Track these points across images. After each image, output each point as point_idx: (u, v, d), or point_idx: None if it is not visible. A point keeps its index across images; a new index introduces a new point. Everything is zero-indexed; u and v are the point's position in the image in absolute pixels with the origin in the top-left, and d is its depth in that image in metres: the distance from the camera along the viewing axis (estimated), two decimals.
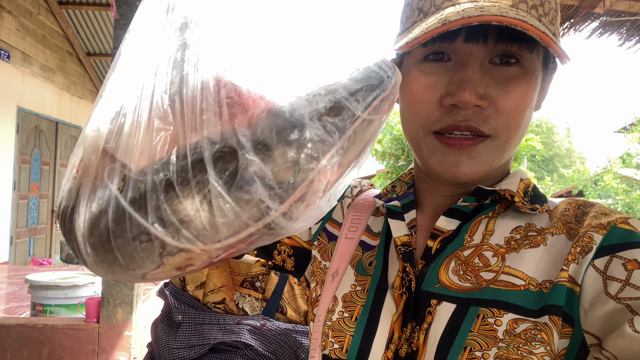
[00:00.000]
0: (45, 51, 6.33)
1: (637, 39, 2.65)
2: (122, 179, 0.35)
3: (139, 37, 0.46)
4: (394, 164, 13.51)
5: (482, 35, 0.52)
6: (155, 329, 1.35)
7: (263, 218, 0.34)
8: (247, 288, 1.30)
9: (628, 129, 11.10)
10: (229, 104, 0.37)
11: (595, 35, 2.74)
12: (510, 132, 0.55)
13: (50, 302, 2.91)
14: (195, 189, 0.33)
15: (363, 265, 0.65)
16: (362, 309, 0.60)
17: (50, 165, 6.71)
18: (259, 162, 0.34)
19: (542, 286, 0.52)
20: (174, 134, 0.35)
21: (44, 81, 6.31)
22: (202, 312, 1.27)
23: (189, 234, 0.34)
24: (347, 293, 0.63)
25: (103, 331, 2.61)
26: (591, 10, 2.29)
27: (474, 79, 0.52)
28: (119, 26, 2.57)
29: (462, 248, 0.57)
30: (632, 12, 2.29)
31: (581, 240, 0.52)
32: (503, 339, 0.50)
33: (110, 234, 0.34)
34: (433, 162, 0.57)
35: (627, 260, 0.49)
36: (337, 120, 0.39)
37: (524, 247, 0.55)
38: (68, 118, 7.13)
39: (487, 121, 0.53)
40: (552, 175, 17.65)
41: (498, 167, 0.59)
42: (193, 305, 1.30)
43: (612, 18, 2.37)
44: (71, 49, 7.19)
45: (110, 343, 2.61)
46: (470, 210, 0.59)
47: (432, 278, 0.57)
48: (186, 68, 0.39)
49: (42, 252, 6.67)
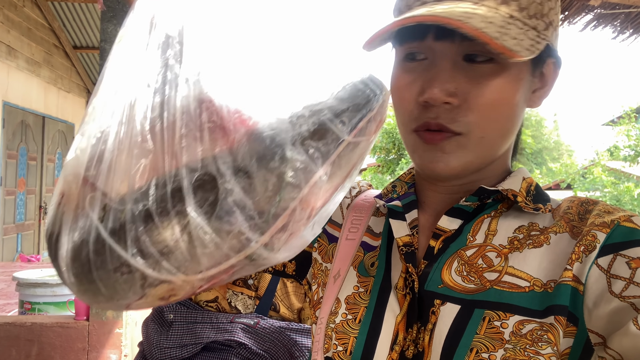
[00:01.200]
0: (31, 44, 6.22)
1: (631, 31, 2.67)
2: (102, 208, 0.34)
3: (121, 57, 0.45)
4: (385, 157, 13.55)
5: (449, 33, 0.52)
6: (147, 328, 1.34)
7: (244, 249, 0.34)
8: (239, 286, 1.29)
9: (616, 121, 11.21)
10: (210, 128, 0.36)
11: (589, 28, 2.75)
12: (485, 128, 0.54)
13: (39, 300, 2.89)
14: (174, 220, 0.33)
15: (365, 266, 0.65)
16: (366, 311, 0.60)
17: (38, 160, 6.63)
18: (239, 191, 0.33)
19: (546, 286, 0.52)
20: (154, 160, 0.35)
21: (30, 75, 6.21)
22: (194, 311, 1.27)
23: (170, 265, 0.33)
24: (349, 295, 0.63)
25: (93, 329, 2.60)
26: (586, 3, 2.30)
27: (443, 76, 0.53)
28: (106, 18, 2.53)
29: (465, 248, 0.58)
30: (627, 5, 2.29)
31: (585, 239, 0.53)
32: (509, 340, 0.50)
33: (92, 265, 0.33)
34: (416, 159, 0.59)
35: (631, 259, 0.49)
36: (320, 144, 0.38)
37: (527, 247, 0.55)
38: (55, 112, 7.04)
39: (457, 119, 0.54)
40: (541, 168, 17.79)
41: (492, 164, 0.59)
42: (185, 303, 1.29)
43: (607, 10, 2.38)
44: (57, 42, 7.07)
45: (100, 341, 2.60)
46: (473, 210, 0.59)
47: (435, 278, 0.57)
48: (167, 90, 0.38)
49: (30, 248, 6.60)
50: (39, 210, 6.70)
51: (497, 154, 0.58)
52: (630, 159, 9.30)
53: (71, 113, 7.61)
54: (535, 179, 0.65)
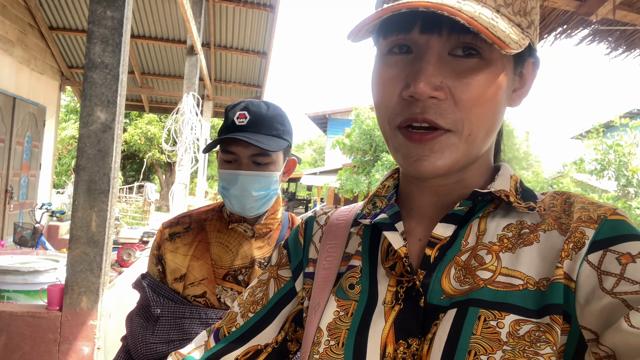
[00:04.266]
0: (5, 22, 5.97)
1: (624, 48, 2.76)
2: None
3: None
4: (361, 158, 13.61)
5: (436, 26, 0.51)
6: (131, 322, 1.31)
7: None
8: (229, 282, 1.27)
9: (584, 135, 11.61)
10: None
11: (585, 42, 2.82)
12: (472, 125, 0.53)
13: (9, 288, 2.78)
14: None
15: (343, 288, 0.62)
16: (348, 333, 0.58)
17: (6, 142, 6.36)
18: None
19: (539, 284, 0.52)
20: None
21: (2, 54, 5.95)
22: (182, 306, 1.24)
23: None
24: (330, 321, 0.60)
25: (66, 320, 2.51)
26: (585, 18, 2.36)
27: (429, 70, 0.51)
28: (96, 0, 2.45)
29: (460, 253, 0.57)
30: (623, 22, 2.37)
31: (573, 236, 0.52)
32: (507, 341, 0.49)
33: None
34: (399, 157, 0.56)
35: (621, 254, 0.49)
36: None
37: (518, 246, 0.55)
38: (26, 94, 6.77)
39: (445, 115, 0.52)
40: None
41: (475, 162, 0.59)
42: (172, 298, 1.26)
43: (604, 27, 2.45)
44: (33, 22, 6.80)
45: (73, 332, 2.51)
46: (465, 213, 0.59)
47: (436, 288, 0.55)
48: None
49: None
50: (5, 194, 6.44)
51: (481, 152, 0.57)
52: (596, 172, 9.63)
53: (43, 95, 7.34)
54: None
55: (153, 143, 21.28)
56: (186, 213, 1.41)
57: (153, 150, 21.59)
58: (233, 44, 7.37)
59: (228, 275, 1.28)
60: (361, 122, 13.19)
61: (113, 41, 2.46)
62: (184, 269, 1.29)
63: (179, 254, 1.31)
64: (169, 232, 1.35)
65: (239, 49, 7.44)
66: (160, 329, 1.22)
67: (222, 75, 8.35)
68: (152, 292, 1.28)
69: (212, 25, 6.85)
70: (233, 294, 1.27)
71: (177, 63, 8.05)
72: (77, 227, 2.48)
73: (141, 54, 7.98)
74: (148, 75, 8.44)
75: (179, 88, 8.51)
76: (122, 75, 2.51)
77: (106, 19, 2.45)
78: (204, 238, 1.32)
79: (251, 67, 8.03)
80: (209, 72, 7.57)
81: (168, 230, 1.36)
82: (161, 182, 25.90)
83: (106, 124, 2.47)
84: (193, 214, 1.39)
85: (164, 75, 8.47)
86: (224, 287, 1.27)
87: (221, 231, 1.32)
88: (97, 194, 2.48)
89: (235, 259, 1.29)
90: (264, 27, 6.80)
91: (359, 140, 13.23)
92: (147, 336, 1.22)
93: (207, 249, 1.30)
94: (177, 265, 1.30)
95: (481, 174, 0.61)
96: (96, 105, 2.46)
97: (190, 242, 1.32)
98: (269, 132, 1.21)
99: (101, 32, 2.45)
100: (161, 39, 7.37)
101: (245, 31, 6.95)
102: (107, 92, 2.46)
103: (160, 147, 21.76)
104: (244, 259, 1.29)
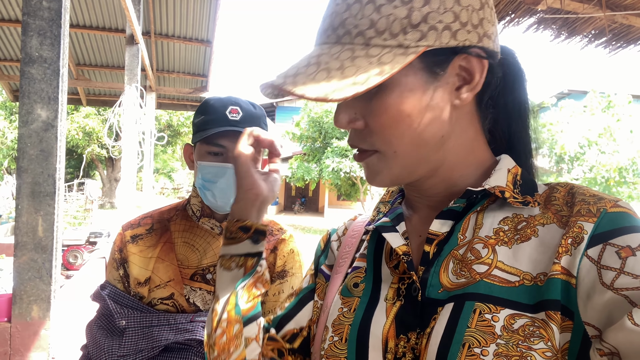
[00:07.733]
0: None
1: (566, 35, 2.94)
2: None
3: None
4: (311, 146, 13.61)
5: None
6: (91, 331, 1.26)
7: None
8: (198, 281, 1.25)
9: None
10: None
11: (531, 30, 2.98)
12: (392, 144, 0.56)
13: None
14: None
15: (348, 287, 0.66)
16: (350, 328, 0.61)
17: None
18: None
19: (536, 279, 0.52)
20: None
21: None
22: (148, 314, 1.20)
23: None
24: (335, 318, 0.64)
25: (16, 331, 2.37)
26: (532, 7, 2.50)
27: (343, 104, 0.58)
28: None
29: (457, 247, 0.58)
30: (566, 11, 2.53)
31: (572, 230, 0.52)
32: (501, 335, 0.50)
33: None
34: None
35: (620, 248, 0.49)
36: None
37: (515, 242, 0.55)
38: None
39: (365, 139, 0.58)
40: None
41: (458, 163, 0.60)
42: (137, 307, 1.22)
43: (549, 15, 2.60)
44: None
45: (24, 343, 2.37)
46: (462, 208, 0.60)
47: (434, 282, 0.57)
48: None
49: None
50: None
51: (428, 160, 0.58)
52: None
53: None
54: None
55: (92, 137, 20.27)
56: (147, 214, 1.37)
57: (92, 145, 20.57)
58: (175, 32, 7.11)
59: (196, 274, 1.26)
60: (310, 110, 13.17)
61: (51, 33, 2.30)
62: (149, 272, 1.25)
63: (142, 256, 1.27)
64: (130, 234, 1.31)
65: (181, 37, 7.19)
66: (128, 340, 1.18)
67: (165, 65, 8.05)
68: (114, 304, 1.23)
69: (152, 12, 6.57)
70: (202, 293, 1.25)
71: (116, 53, 7.66)
72: (22, 232, 2.34)
73: (76, 45, 7.53)
74: (84, 67, 7.99)
75: (119, 79, 8.13)
76: (63, 70, 2.36)
77: (42, 10, 2.29)
78: (169, 238, 1.29)
79: (195, 56, 7.79)
80: (150, 62, 7.28)
81: (129, 232, 1.31)
82: (102, 178, 24.77)
83: (48, 122, 2.33)
84: (154, 215, 1.35)
85: (102, 67, 8.05)
86: (192, 287, 1.25)
87: (187, 230, 1.29)
88: (42, 196, 2.34)
89: (203, 258, 1.27)
90: (207, 14, 6.60)
91: (308, 128, 13.22)
92: (113, 347, 1.18)
93: (172, 250, 1.27)
94: (141, 269, 1.26)
95: (472, 171, 0.62)
96: (36, 102, 2.31)
97: (154, 243, 1.28)
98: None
99: (37, 24, 2.29)
100: (97, 27, 6.98)
101: (188, 19, 6.72)
102: (47, 88, 2.31)
103: (100, 141, 20.75)
104: (213, 257, 1.27)
